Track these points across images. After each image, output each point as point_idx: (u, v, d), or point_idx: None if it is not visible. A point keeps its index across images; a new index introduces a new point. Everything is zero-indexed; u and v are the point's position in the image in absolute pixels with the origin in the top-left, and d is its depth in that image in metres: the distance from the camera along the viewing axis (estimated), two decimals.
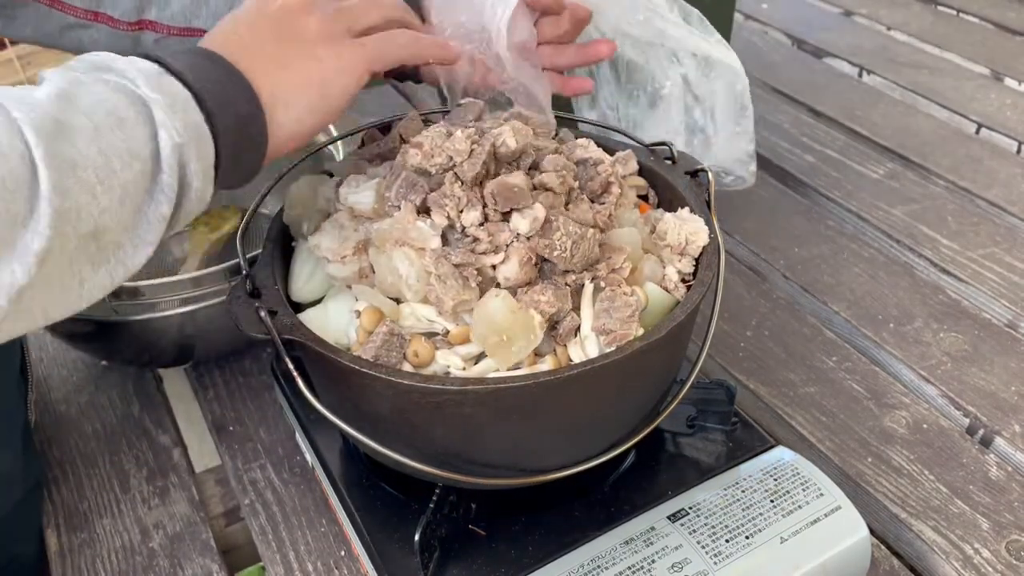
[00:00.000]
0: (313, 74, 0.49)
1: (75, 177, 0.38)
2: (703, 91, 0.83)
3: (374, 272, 0.54)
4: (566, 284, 0.52)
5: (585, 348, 0.52)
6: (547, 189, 0.54)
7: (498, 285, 0.52)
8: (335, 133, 0.80)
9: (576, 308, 0.53)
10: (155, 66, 0.43)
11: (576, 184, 0.57)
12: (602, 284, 0.53)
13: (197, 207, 0.44)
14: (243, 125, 0.45)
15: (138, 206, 0.41)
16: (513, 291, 0.52)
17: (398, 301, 0.53)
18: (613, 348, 0.50)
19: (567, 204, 0.55)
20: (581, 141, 0.63)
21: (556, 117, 0.65)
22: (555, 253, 0.51)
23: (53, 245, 0.37)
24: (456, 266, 0.52)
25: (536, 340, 0.50)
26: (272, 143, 0.47)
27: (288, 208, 0.60)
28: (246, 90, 0.46)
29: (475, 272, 0.52)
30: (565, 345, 0.52)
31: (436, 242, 0.52)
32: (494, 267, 0.52)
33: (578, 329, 0.52)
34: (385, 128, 0.64)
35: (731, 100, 0.84)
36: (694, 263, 0.58)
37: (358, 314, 0.53)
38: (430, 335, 0.53)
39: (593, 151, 0.61)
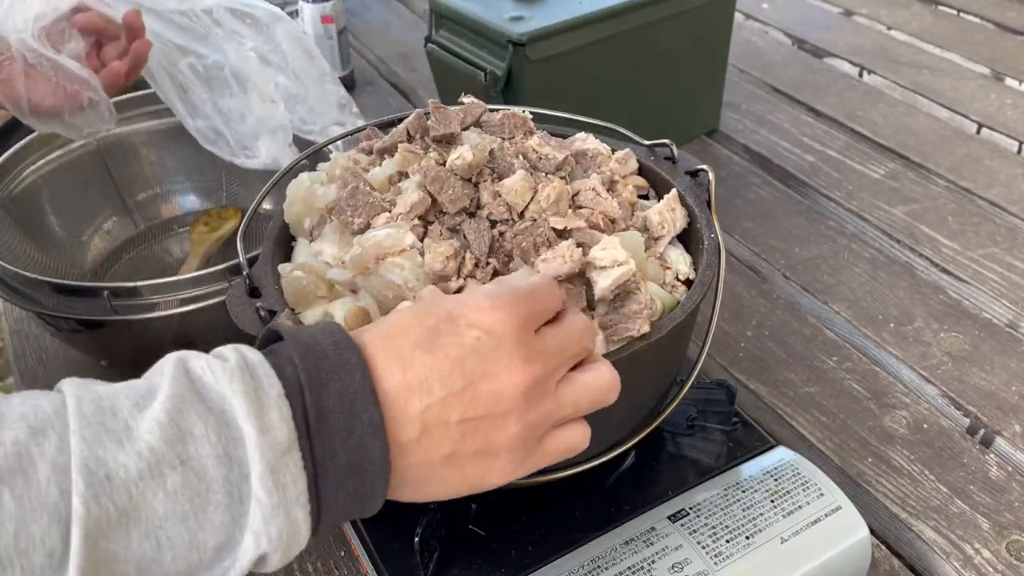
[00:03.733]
0: (476, 480, 0.40)
1: (108, 570, 0.31)
2: (278, 59, 0.83)
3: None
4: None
5: None
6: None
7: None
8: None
9: (584, 309, 0.52)
10: (291, 437, 0.34)
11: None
12: None
13: None
14: (355, 506, 0.37)
15: None
16: None
17: None
18: (613, 348, 0.50)
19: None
20: (580, 135, 0.63)
21: (559, 119, 0.65)
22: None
23: None
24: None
25: None
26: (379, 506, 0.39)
27: (288, 206, 0.59)
28: (383, 482, 0.37)
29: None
30: None
31: (410, 238, 0.51)
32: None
33: None
34: (384, 126, 0.64)
35: (300, 50, 0.84)
36: (690, 260, 0.58)
37: None
38: None
39: (592, 143, 0.61)
